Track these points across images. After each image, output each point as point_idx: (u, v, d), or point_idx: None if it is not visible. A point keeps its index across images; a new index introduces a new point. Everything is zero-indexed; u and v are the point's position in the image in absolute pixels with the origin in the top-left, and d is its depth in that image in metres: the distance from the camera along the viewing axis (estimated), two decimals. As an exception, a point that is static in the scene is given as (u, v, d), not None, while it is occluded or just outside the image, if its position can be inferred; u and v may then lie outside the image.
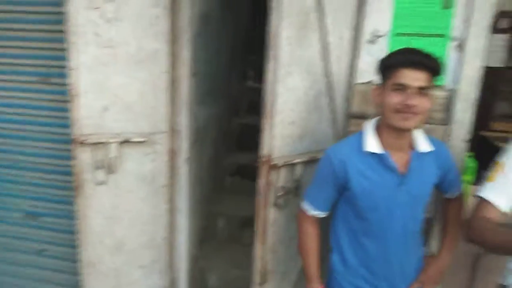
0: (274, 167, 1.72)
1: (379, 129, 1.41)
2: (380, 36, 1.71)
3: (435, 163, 1.45)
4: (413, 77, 1.27)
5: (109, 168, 1.93)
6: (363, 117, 1.77)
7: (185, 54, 2.02)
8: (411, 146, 1.42)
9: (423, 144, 1.42)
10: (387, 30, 1.70)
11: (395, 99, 1.29)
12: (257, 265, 1.87)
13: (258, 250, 1.85)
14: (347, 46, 1.77)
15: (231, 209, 3.04)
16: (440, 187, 1.53)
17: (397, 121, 1.31)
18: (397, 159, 1.40)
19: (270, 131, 1.69)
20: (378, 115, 1.42)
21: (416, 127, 1.37)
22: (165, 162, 2.03)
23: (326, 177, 1.46)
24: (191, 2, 1.98)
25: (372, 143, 1.39)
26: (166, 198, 2.08)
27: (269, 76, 1.63)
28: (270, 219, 1.81)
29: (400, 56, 1.31)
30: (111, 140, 1.89)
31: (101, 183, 1.94)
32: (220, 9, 2.74)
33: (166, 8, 1.85)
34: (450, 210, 1.60)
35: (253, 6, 3.83)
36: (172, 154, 2.06)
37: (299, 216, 1.58)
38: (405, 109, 1.29)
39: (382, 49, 1.69)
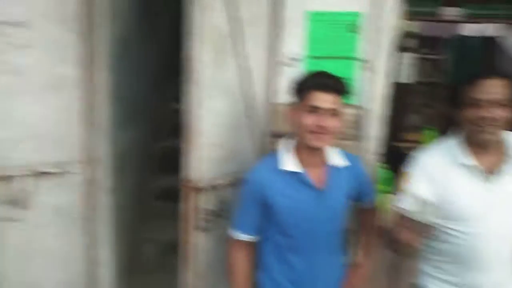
0: (199, 190, 1.71)
1: (296, 148, 1.48)
2: (296, 59, 1.78)
3: (350, 176, 1.54)
4: (325, 100, 1.37)
5: (20, 202, 1.78)
6: (284, 136, 1.82)
7: (103, 78, 1.94)
8: (327, 162, 1.50)
9: (337, 159, 1.51)
10: (302, 53, 1.78)
11: (309, 120, 1.38)
12: (186, 292, 1.82)
13: (185, 277, 1.81)
14: (266, 69, 1.82)
15: (159, 235, 2.95)
16: (355, 199, 1.62)
17: (311, 140, 1.40)
18: (314, 176, 1.46)
19: (193, 153, 1.68)
20: (294, 134, 1.49)
21: (329, 145, 1.47)
22: (82, 193, 1.92)
23: (249, 200, 1.51)
24: (108, 26, 1.93)
25: (289, 162, 1.46)
26: (86, 231, 1.96)
27: (191, 99, 1.63)
28: (196, 244, 1.78)
29: (312, 79, 1.42)
30: (20, 173, 1.75)
31: (10, 219, 1.78)
32: (141, 32, 2.70)
33: (80, 33, 1.78)
34: (366, 220, 1.70)
35: (177, 27, 3.81)
36: (91, 183, 1.95)
37: (228, 242, 1.58)
38: (318, 130, 1.38)
39: (298, 71, 1.76)
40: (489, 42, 4.96)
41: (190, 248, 1.78)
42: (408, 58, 4.63)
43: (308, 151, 1.45)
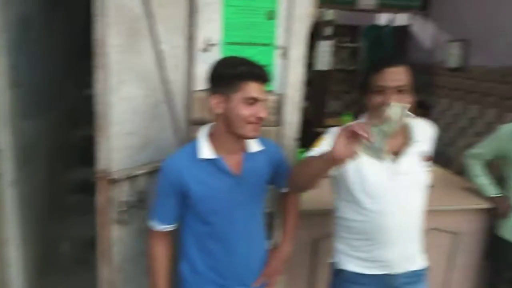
0: (114, 181, 1.63)
1: (213, 135, 1.46)
2: (213, 45, 1.75)
3: (266, 161, 1.56)
4: (261, 90, 1.38)
5: None
6: (204, 123, 1.79)
7: (1, 63, 1.76)
8: (246, 149, 1.51)
9: (253, 144, 1.52)
10: (218, 39, 1.75)
11: (247, 111, 1.36)
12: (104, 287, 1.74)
13: (103, 272, 1.73)
14: (183, 54, 1.77)
15: (76, 230, 2.78)
16: (274, 183, 1.65)
17: (248, 132, 1.39)
18: (232, 162, 1.46)
19: (106, 143, 1.59)
20: (216, 122, 1.46)
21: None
22: (-18, 188, 1.74)
23: (166, 189, 1.46)
24: (4, 5, 1.74)
25: (205, 150, 1.44)
26: (-13, 229, 1.79)
27: (99, 86, 1.53)
28: (113, 237, 1.70)
29: (246, 69, 1.37)
30: None
31: None
32: (46, 11, 2.48)
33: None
34: (286, 204, 1.73)
35: (89, 7, 3.56)
36: (-9, 178, 1.78)
37: (149, 234, 1.54)
38: (256, 121, 1.38)
39: (215, 57, 1.73)
40: (400, 31, 5.30)
41: (107, 243, 1.69)
42: (326, 46, 4.79)
43: (230, 138, 1.44)
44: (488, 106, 4.08)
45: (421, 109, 4.01)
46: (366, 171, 1.50)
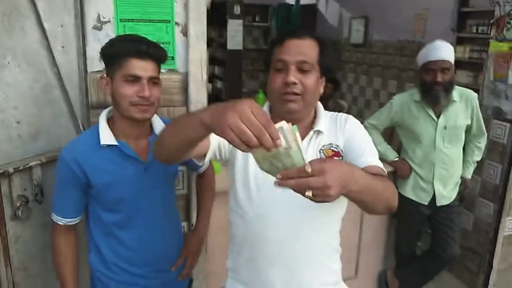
0: (4, 175, 1.49)
1: (112, 119, 1.38)
2: (105, 22, 1.65)
3: None
4: (144, 68, 1.27)
5: None
6: (104, 107, 1.69)
7: None
8: (148, 133, 1.43)
9: (158, 127, 1.44)
10: (111, 15, 1.66)
11: (128, 90, 1.27)
12: (7, 290, 1.61)
13: (4, 273, 1.59)
14: (72, 34, 1.65)
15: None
16: (186, 164, 1.61)
17: (135, 113, 1.30)
18: (137, 148, 1.39)
19: (-11, 135, 1.44)
20: (113, 105, 1.38)
21: (152, 115, 1.38)
22: None
23: (66, 180, 1.35)
24: None
25: (106, 135, 1.34)
26: None
27: (-25, 70, 1.37)
28: (11, 234, 1.57)
29: (128, 45, 1.28)
30: None
31: None
32: None
33: None
34: (201, 184, 1.71)
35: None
36: None
37: (51, 228, 1.43)
38: (140, 102, 1.28)
39: (108, 35, 1.64)
40: (307, 9, 5.46)
41: (5, 241, 1.56)
42: (237, 25, 4.79)
43: (129, 122, 1.34)
44: (389, 78, 4.39)
45: (332, 85, 4.20)
46: (250, 161, 1.18)
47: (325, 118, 1.25)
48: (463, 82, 3.51)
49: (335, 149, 1.21)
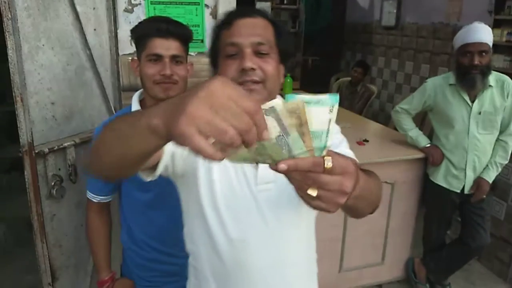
0: (40, 155, 1.54)
1: (145, 101, 1.39)
2: (136, 5, 1.66)
3: None
4: (165, 46, 1.26)
5: None
6: (135, 89, 1.72)
7: None
8: None
9: None
10: (142, -2, 1.66)
11: (151, 70, 1.27)
12: (43, 265, 1.68)
13: (40, 249, 1.66)
14: (104, 16, 1.66)
15: (12, 211, 2.65)
16: None
17: (158, 92, 1.29)
18: None
19: (25, 115, 1.49)
20: (143, 87, 1.40)
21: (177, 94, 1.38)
22: None
23: None
24: None
25: None
26: None
27: (12, 53, 1.41)
28: (47, 213, 1.63)
29: (149, 25, 1.29)
30: None
31: None
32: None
33: None
34: None
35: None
36: None
37: (86, 206, 1.47)
38: (163, 80, 1.27)
39: (139, 18, 1.65)
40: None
41: (41, 219, 1.62)
42: (266, 7, 4.73)
43: (156, 103, 1.35)
44: (422, 62, 4.25)
45: (361, 69, 4.12)
46: (215, 176, 0.94)
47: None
48: (499, 66, 3.36)
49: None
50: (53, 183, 1.61)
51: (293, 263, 1.01)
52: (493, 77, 2.21)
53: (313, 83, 4.82)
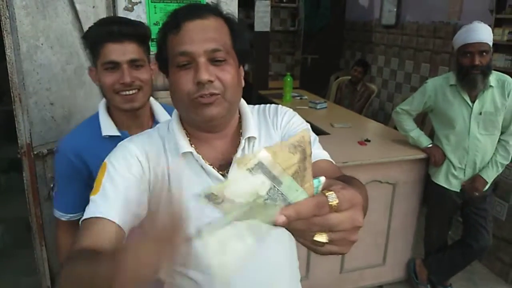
0: (38, 156, 1.51)
1: (112, 109, 1.23)
2: (136, 3, 1.64)
3: None
4: (120, 51, 1.12)
5: None
6: (135, 89, 1.69)
7: None
8: (149, 122, 1.28)
9: (161, 115, 1.29)
10: (143, -4, 1.64)
11: (109, 79, 1.13)
12: (42, 268, 1.66)
13: (39, 252, 1.64)
14: (104, 15, 1.64)
15: (11, 212, 2.62)
16: None
17: (121, 103, 1.16)
18: None
19: (25, 116, 1.46)
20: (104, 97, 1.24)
21: (143, 102, 1.19)
22: None
23: (67, 174, 1.22)
24: None
25: (107, 126, 1.20)
26: None
27: (10, 53, 1.39)
28: (45, 215, 1.60)
29: (99, 29, 1.14)
30: None
31: None
32: None
33: None
34: None
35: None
36: None
37: (55, 225, 1.33)
38: (123, 88, 1.14)
39: (140, 16, 1.63)
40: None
41: (40, 221, 1.60)
42: (265, 6, 4.71)
43: (124, 113, 1.20)
44: (422, 61, 4.24)
45: (361, 68, 4.10)
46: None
47: (253, 119, 0.94)
48: (500, 66, 3.35)
49: None
50: (52, 185, 1.58)
51: (278, 269, 0.95)
52: (493, 77, 2.19)
53: (312, 81, 4.81)
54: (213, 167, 0.86)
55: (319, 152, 0.90)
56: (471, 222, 2.36)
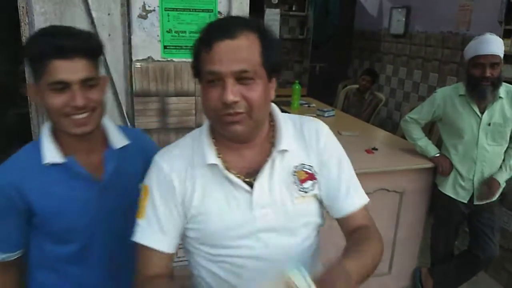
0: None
1: (57, 132, 1.08)
2: (150, 11, 1.68)
3: (137, 157, 1.16)
4: (71, 70, 0.96)
5: None
6: (148, 95, 1.73)
7: None
8: (102, 146, 1.13)
9: (115, 138, 1.14)
10: (156, 4, 1.68)
11: (57, 101, 0.97)
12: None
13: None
14: (119, 22, 1.68)
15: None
16: None
17: (71, 128, 1.01)
18: (89, 164, 1.09)
19: (40, 120, 1.50)
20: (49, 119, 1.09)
21: (96, 124, 1.05)
22: None
23: (1, 209, 1.06)
24: None
25: (49, 152, 1.05)
26: None
27: (28, 57, 1.42)
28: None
29: (44, 41, 0.96)
30: None
31: None
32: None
33: None
34: None
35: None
36: None
37: None
38: (75, 111, 0.99)
39: (153, 24, 1.67)
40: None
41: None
42: (275, 14, 4.76)
43: (72, 137, 1.05)
44: (430, 70, 4.25)
45: (369, 77, 4.12)
46: (211, 206, 0.93)
47: (287, 131, 0.96)
48: (509, 77, 3.36)
49: (309, 171, 0.96)
50: None
51: None
52: (503, 89, 2.21)
53: (320, 90, 4.83)
54: (239, 176, 0.92)
55: (357, 201, 1.01)
56: (478, 232, 2.36)
